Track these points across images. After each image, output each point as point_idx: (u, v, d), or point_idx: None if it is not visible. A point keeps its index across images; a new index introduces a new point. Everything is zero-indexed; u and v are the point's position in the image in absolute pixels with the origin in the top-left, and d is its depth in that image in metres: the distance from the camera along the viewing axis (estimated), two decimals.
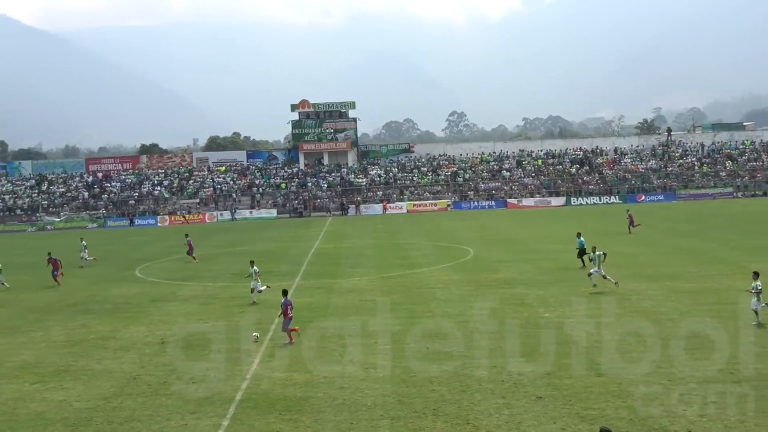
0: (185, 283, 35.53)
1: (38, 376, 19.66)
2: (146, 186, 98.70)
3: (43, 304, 31.22)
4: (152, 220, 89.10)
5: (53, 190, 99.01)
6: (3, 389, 18.60)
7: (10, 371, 20.33)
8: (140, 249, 56.53)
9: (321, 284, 33.08)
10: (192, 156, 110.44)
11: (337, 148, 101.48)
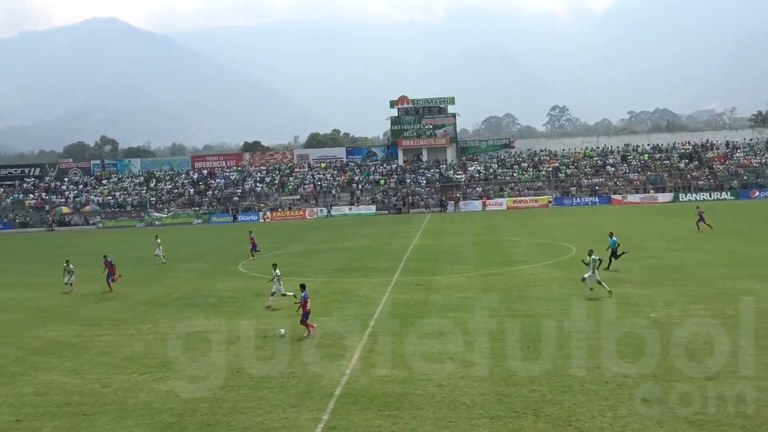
0: (286, 278, 36.11)
1: (146, 367, 20.40)
2: (249, 182, 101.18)
3: (151, 297, 32.41)
4: (254, 216, 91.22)
5: (161, 186, 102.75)
6: (113, 379, 19.40)
7: (119, 362, 21.18)
8: (243, 244, 57.81)
9: (420, 281, 33.07)
10: (293, 153, 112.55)
11: (436, 144, 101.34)
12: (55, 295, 34.52)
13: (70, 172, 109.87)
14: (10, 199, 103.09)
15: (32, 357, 22.27)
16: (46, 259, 53.99)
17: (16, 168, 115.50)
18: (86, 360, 21.58)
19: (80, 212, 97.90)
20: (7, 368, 21.09)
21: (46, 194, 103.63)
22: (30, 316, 29.43)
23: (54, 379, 19.73)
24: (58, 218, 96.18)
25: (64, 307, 31.02)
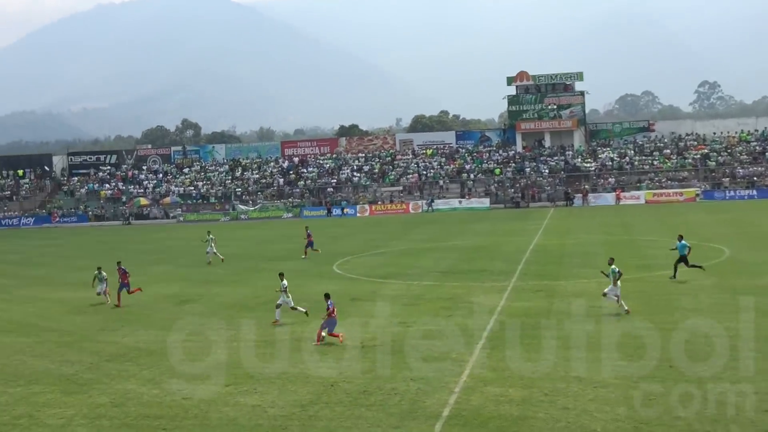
0: (387, 280, 36.38)
1: (231, 378, 20.85)
2: (345, 171, 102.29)
3: (237, 301, 33.16)
4: (351, 209, 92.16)
5: (247, 176, 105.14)
6: (195, 390, 19.92)
7: (202, 371, 21.71)
8: (338, 242, 58.60)
9: (541, 286, 32.63)
10: (395, 138, 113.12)
11: (561, 127, 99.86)
12: (132, 297, 35.76)
13: (149, 160, 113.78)
14: (84, 189, 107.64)
15: (108, 364, 23.13)
16: (123, 256, 55.90)
17: (91, 155, 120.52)
18: (166, 368, 22.25)
19: (159, 204, 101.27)
20: (81, 375, 21.97)
21: (123, 184, 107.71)
22: (106, 318, 30.60)
23: (131, 388, 20.42)
24: (135, 210, 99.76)
25: (142, 310, 32.10)
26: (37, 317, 31.66)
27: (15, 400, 19.80)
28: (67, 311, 32.74)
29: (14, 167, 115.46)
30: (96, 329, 28.44)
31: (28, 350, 25.44)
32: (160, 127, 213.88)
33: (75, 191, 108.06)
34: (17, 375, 22.26)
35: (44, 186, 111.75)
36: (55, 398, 19.86)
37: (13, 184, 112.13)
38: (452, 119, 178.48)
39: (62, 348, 25.52)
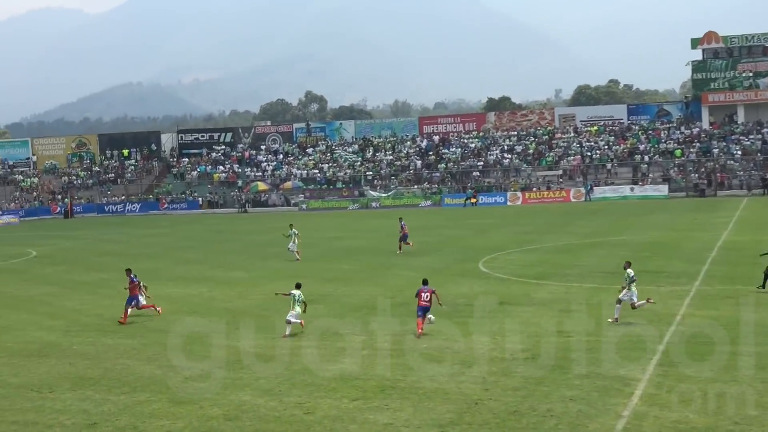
0: (542, 282, 36.05)
1: (359, 391, 21.08)
2: (493, 152, 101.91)
3: (367, 302, 33.49)
4: (500, 197, 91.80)
5: (379, 157, 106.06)
6: (318, 404, 20.24)
7: (327, 383, 22.05)
8: (485, 235, 58.43)
9: (730, 292, 31.66)
10: (553, 112, 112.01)
11: (758, 99, 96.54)
12: (249, 294, 36.68)
13: (268, 138, 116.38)
14: (196, 172, 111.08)
15: (220, 371, 23.76)
16: (240, 248, 57.60)
17: (203, 133, 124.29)
18: (285, 378, 22.70)
19: (279, 189, 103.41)
20: (191, 383, 22.67)
21: (238, 166, 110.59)
22: (219, 318, 31.46)
23: (246, 400, 20.92)
24: (252, 197, 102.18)
25: (260, 310, 32.84)
26: (142, 316, 32.85)
27: (119, 409, 20.61)
28: (175, 310, 33.83)
29: (119, 146, 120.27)
30: (207, 331, 29.23)
31: (133, 353, 26.43)
32: (281, 100, 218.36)
33: (185, 174, 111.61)
34: (121, 381, 23.16)
35: (152, 168, 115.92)
36: (162, 408, 20.55)
37: (117, 165, 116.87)
38: (623, 90, 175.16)
39: (169, 352, 26.29)
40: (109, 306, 35.43)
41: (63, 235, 77.97)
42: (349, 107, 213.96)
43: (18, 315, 34.22)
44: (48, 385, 23.10)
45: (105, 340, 28.74)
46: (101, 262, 52.84)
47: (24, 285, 42.48)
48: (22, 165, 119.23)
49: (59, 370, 24.64)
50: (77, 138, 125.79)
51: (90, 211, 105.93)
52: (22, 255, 59.72)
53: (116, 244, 64.73)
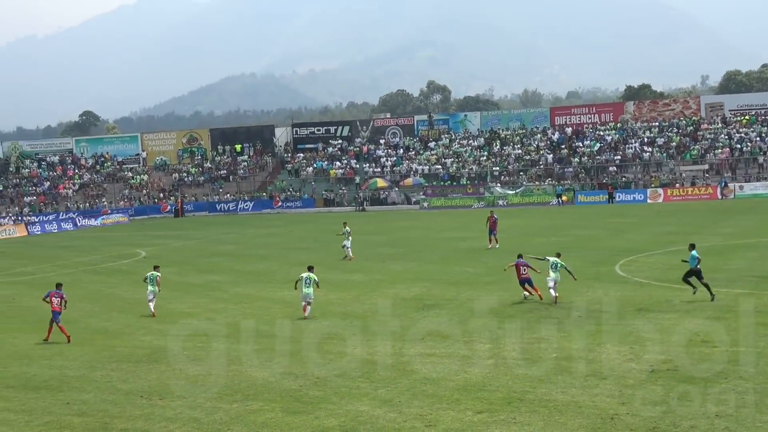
0: (685, 286, 35.38)
1: (485, 403, 21.05)
2: (632, 145, 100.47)
3: (493, 307, 33.30)
4: (639, 194, 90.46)
5: (507, 151, 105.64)
6: (439, 416, 20.28)
7: (448, 393, 22.08)
8: (623, 235, 57.69)
9: None
10: (699, 101, 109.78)
11: None
12: (365, 299, 36.97)
13: (388, 132, 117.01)
14: (311, 168, 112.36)
15: (337, 379, 24.04)
16: (357, 249, 57.96)
17: (319, 127, 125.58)
18: (405, 388, 22.83)
19: (399, 186, 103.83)
20: (306, 392, 23.00)
21: (356, 161, 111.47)
22: (333, 324, 31.81)
23: (363, 410, 21.11)
24: (370, 194, 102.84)
25: (376, 316, 33.08)
26: (255, 320, 33.44)
27: (231, 418, 21.05)
28: (289, 314, 34.36)
29: (231, 141, 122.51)
30: (322, 337, 29.61)
31: (246, 360, 26.92)
32: (401, 91, 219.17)
33: (300, 170, 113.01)
34: (233, 389, 23.63)
35: (265, 164, 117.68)
36: (276, 418, 20.90)
37: (230, 161, 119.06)
38: None
39: (284, 358, 26.79)
40: (221, 310, 36.18)
41: (173, 234, 79.90)
42: (475, 97, 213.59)
43: (127, 318, 35.22)
44: (158, 391, 23.73)
45: (216, 345, 29.35)
46: (212, 263, 53.94)
47: (133, 287, 43.67)
48: (132, 161, 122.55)
49: (169, 377, 25.28)
50: (188, 133, 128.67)
51: (201, 210, 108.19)
52: (131, 255, 61.47)
53: (228, 245, 65.99)
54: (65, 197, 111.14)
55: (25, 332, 33.72)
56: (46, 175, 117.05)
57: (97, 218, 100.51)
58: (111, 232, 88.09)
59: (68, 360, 28.15)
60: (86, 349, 29.70)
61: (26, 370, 27.17)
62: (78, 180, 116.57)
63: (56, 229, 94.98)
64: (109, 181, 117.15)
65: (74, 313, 37.12)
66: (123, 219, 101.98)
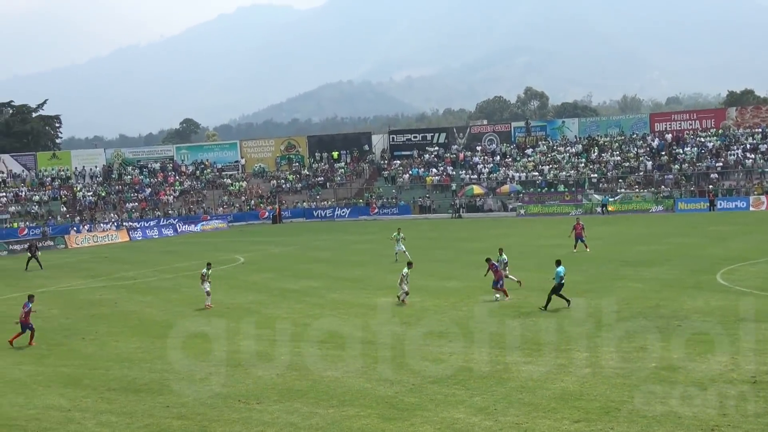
0: None
1: (581, 413, 20.89)
2: (734, 152, 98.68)
3: (591, 314, 33.06)
4: (742, 201, 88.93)
5: (605, 158, 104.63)
6: (536, 425, 20.18)
7: (545, 402, 21.97)
8: (725, 243, 56.71)
9: None
10: None
11: None
12: (461, 306, 36.92)
13: (485, 139, 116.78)
14: (407, 175, 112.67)
15: (432, 386, 24.08)
16: (453, 256, 58.07)
17: (415, 134, 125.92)
18: (501, 396, 22.77)
19: (496, 193, 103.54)
20: (401, 399, 23.08)
21: (452, 168, 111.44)
22: (429, 331, 31.79)
23: (459, 417, 21.12)
24: (467, 201, 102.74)
25: (473, 323, 33.00)
26: (349, 326, 33.67)
27: (327, 423, 21.23)
28: (385, 320, 34.51)
29: (328, 149, 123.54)
30: (418, 343, 29.68)
31: (341, 365, 27.13)
32: (498, 98, 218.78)
33: (397, 177, 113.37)
34: (329, 394, 23.83)
35: (362, 170, 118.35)
36: (372, 424, 21.02)
37: (327, 168, 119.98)
38: None
39: (379, 364, 26.92)
40: (318, 315, 36.46)
41: (271, 240, 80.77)
42: (573, 104, 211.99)
43: (226, 323, 35.68)
44: (255, 396, 24.04)
45: (312, 350, 29.61)
46: (310, 269, 54.32)
47: (232, 292, 44.23)
48: (231, 168, 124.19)
49: (266, 381, 25.58)
50: (286, 140, 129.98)
51: (298, 216, 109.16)
52: (230, 261, 62.27)
53: (324, 251, 66.40)
54: (166, 203, 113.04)
55: (127, 336, 34.45)
56: (147, 182, 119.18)
57: (196, 224, 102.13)
58: (210, 238, 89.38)
59: (168, 363, 28.66)
60: (185, 352, 30.19)
61: (128, 373, 27.75)
62: (178, 186, 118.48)
63: (157, 235, 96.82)
64: (208, 188, 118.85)
65: (173, 317, 37.88)
66: (222, 225, 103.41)
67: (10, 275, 63.40)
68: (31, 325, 33.11)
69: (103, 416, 23.08)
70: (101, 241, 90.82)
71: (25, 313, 32.89)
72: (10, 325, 36.18)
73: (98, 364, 29.32)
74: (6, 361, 31.05)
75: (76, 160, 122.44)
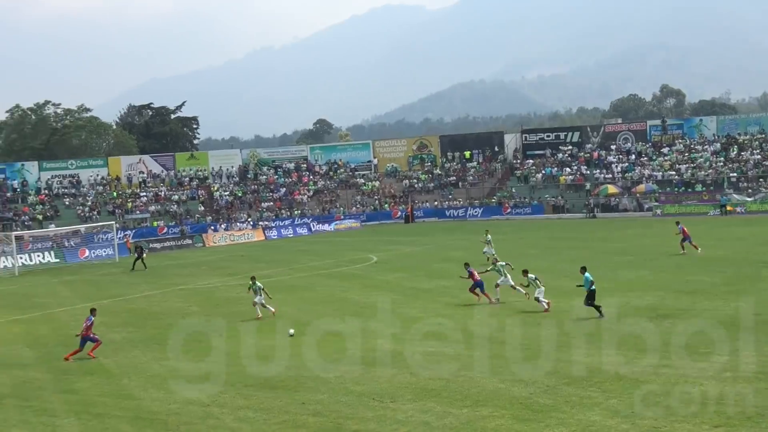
0: None
1: (722, 418, 20.49)
2: None
3: (730, 318, 32.28)
4: None
5: (744, 157, 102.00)
6: (675, 429, 19.85)
7: (684, 406, 21.56)
8: None
9: None
10: None
11: None
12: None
13: (619, 137, 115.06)
14: (540, 175, 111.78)
15: (567, 387, 23.90)
16: (588, 256, 57.33)
17: (548, 133, 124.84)
18: (638, 398, 22.47)
19: (631, 193, 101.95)
20: (535, 400, 22.97)
21: (586, 168, 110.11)
22: (563, 331, 31.61)
23: (595, 420, 20.91)
24: (601, 200, 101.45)
25: (608, 324, 32.64)
26: (482, 326, 33.69)
27: (461, 423, 21.25)
28: (524, 321, 34.46)
29: (460, 148, 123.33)
30: (553, 344, 29.47)
31: (476, 365, 27.11)
32: (633, 96, 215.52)
33: (529, 177, 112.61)
34: (463, 394, 23.85)
35: (494, 170, 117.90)
36: (506, 425, 20.97)
37: (459, 167, 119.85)
38: None
39: (514, 365, 26.81)
40: (451, 315, 36.49)
41: (403, 240, 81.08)
42: (710, 101, 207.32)
43: (360, 322, 35.99)
44: (390, 394, 24.21)
45: (445, 350, 29.66)
46: (442, 269, 54.32)
47: (365, 291, 44.58)
48: (364, 168, 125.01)
49: (400, 380, 25.74)
50: (418, 140, 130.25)
51: (430, 216, 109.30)
52: (363, 260, 62.77)
53: (457, 251, 66.23)
54: (300, 203, 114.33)
55: (264, 333, 35.02)
56: (282, 182, 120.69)
57: (330, 224, 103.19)
58: (344, 237, 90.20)
59: (303, 361, 29.05)
60: (320, 350, 30.56)
61: (265, 370, 28.23)
62: (312, 186, 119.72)
63: (292, 234, 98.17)
64: (341, 188, 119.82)
65: (308, 315, 38.40)
66: (355, 224, 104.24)
67: (151, 273, 65.12)
68: (95, 337, 32.74)
69: (240, 412, 23.56)
70: (237, 240, 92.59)
71: (87, 327, 32.72)
72: (151, 320, 37.25)
73: (235, 361, 29.90)
74: (147, 357, 31.95)
75: (213, 160, 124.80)
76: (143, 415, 23.98)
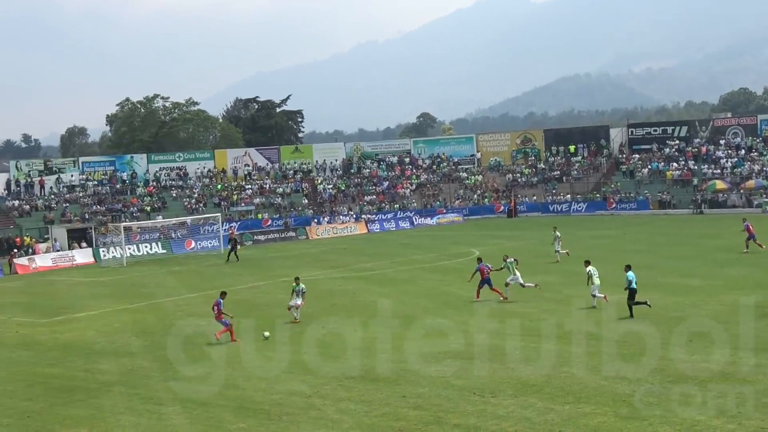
0: None
1: None
2: None
3: None
4: None
5: None
6: None
7: None
8: None
9: None
10: None
11: None
12: (703, 304, 35.91)
13: (729, 132, 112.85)
14: (646, 169, 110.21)
15: (670, 386, 23.65)
16: (694, 253, 56.60)
17: (655, 127, 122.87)
18: (745, 399, 22.13)
19: (740, 188, 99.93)
20: (639, 398, 22.72)
21: (694, 163, 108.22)
22: (665, 329, 31.10)
23: (700, 420, 20.65)
24: (709, 196, 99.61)
25: (712, 323, 31.98)
26: (582, 322, 33.61)
27: (562, 419, 21.15)
28: (615, 317, 34.34)
29: (565, 142, 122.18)
30: (653, 341, 29.08)
31: (577, 361, 26.95)
32: (743, 89, 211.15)
33: (635, 171, 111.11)
34: (565, 390, 23.73)
35: (599, 165, 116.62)
36: (608, 422, 20.81)
37: (563, 162, 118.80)
38: None
39: (616, 362, 26.58)
40: (554, 311, 36.32)
41: (506, 234, 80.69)
42: None
43: (461, 316, 36.07)
44: (490, 389, 24.20)
45: (547, 346, 29.55)
46: (545, 264, 53.98)
47: (467, 286, 44.41)
48: (467, 162, 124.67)
49: (501, 375, 25.72)
50: (522, 133, 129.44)
51: (534, 210, 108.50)
52: (466, 254, 62.69)
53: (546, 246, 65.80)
54: (402, 196, 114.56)
55: (366, 326, 35.25)
56: (385, 175, 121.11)
57: (432, 217, 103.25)
58: (446, 231, 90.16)
59: (405, 354, 29.19)
60: (420, 344, 30.68)
61: (366, 362, 28.45)
62: (415, 180, 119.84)
63: (394, 227, 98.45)
64: (444, 182, 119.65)
65: (411, 309, 38.60)
66: (458, 219, 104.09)
67: (255, 264, 66.03)
68: (226, 321, 33.48)
69: (342, 403, 23.78)
70: (340, 233, 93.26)
71: (218, 311, 33.50)
72: (255, 311, 37.78)
73: (337, 353, 30.20)
74: (250, 347, 32.43)
75: (318, 153, 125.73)
76: (246, 404, 24.37)
